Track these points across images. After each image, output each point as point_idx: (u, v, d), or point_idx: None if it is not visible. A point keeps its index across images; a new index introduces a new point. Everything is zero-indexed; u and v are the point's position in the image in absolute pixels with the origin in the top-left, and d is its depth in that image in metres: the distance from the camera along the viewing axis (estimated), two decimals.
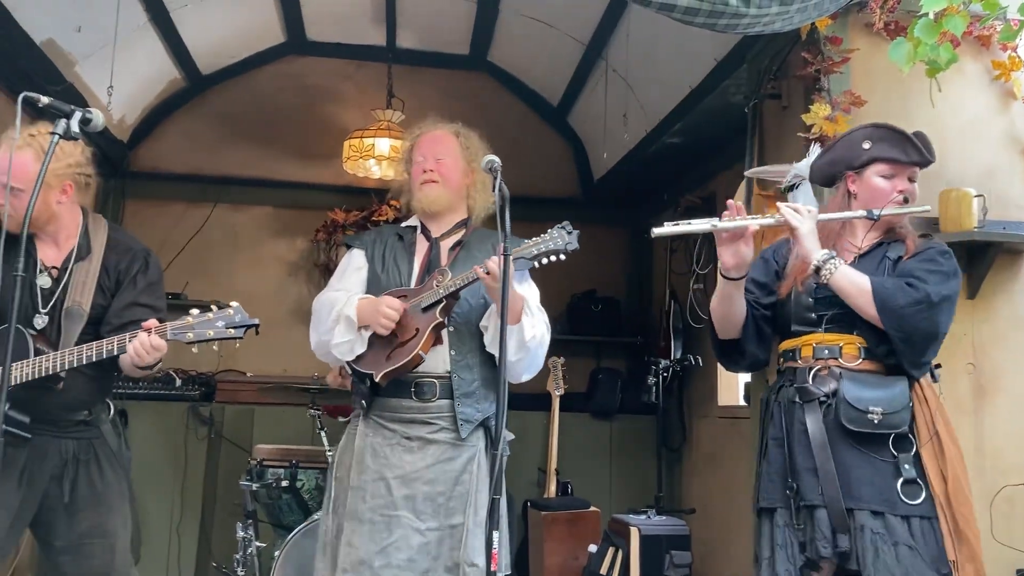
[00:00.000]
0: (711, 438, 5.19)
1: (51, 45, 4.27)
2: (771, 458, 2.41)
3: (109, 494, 2.55)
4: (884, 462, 2.24)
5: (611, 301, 6.01)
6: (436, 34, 5.66)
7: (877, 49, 3.27)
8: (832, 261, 2.29)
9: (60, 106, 2.14)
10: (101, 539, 2.52)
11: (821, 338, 2.36)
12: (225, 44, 5.58)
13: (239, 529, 4.05)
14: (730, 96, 4.23)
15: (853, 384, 2.27)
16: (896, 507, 2.21)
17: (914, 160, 2.39)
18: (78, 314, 2.46)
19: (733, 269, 2.38)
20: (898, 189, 2.38)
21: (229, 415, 5.22)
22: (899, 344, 2.25)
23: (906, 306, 2.23)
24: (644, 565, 4.13)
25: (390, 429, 2.61)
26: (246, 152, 5.97)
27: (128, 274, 2.56)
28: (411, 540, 2.52)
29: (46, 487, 2.49)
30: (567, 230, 2.56)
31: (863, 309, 2.27)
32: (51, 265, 2.51)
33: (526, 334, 2.57)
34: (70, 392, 2.47)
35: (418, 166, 2.75)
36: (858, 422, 2.24)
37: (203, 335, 2.39)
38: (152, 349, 2.35)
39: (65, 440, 2.51)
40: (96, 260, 2.53)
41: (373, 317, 2.56)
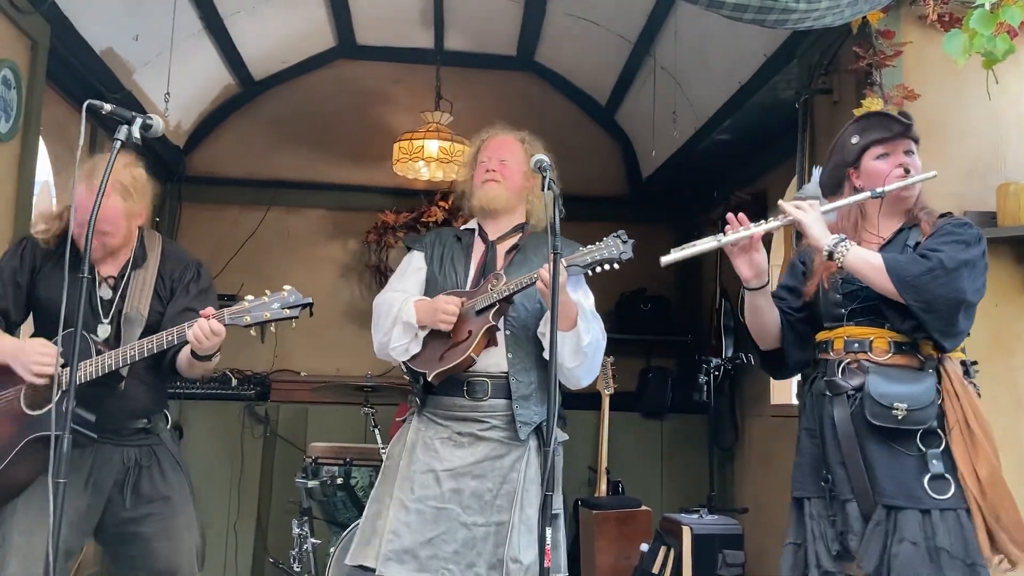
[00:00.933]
0: (764, 437, 5.15)
1: (110, 54, 4.39)
2: (802, 449, 2.43)
3: (173, 497, 2.60)
4: (910, 456, 2.21)
5: (661, 300, 5.99)
6: (484, 36, 5.70)
7: (931, 41, 3.22)
8: (843, 244, 2.27)
9: (122, 113, 2.19)
10: (165, 541, 2.56)
11: (851, 331, 2.34)
12: (277, 50, 5.68)
13: (295, 526, 4.12)
14: (780, 92, 4.20)
15: (880, 379, 2.25)
16: (919, 501, 2.18)
17: (898, 132, 2.37)
18: (137, 319, 2.54)
19: (753, 279, 2.41)
20: (896, 164, 2.36)
21: (284, 414, 5.30)
22: (922, 316, 2.20)
23: (920, 275, 2.19)
24: (696, 564, 4.11)
25: (442, 425, 2.66)
26: (298, 156, 6.07)
27: (181, 282, 2.64)
28: (457, 534, 2.56)
29: (109, 493, 2.55)
30: (622, 239, 2.59)
31: (881, 286, 2.24)
32: (108, 275, 2.59)
33: (582, 339, 2.60)
34: (130, 397, 2.54)
35: (482, 166, 2.81)
36: (882, 417, 2.21)
37: (260, 317, 2.43)
38: (211, 334, 2.38)
39: (127, 448, 2.57)
40: (152, 269, 2.62)
41: (433, 316, 2.61)
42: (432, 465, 2.61)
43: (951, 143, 3.27)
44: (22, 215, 3.74)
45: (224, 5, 4.75)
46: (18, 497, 2.44)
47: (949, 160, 3.18)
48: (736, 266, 2.43)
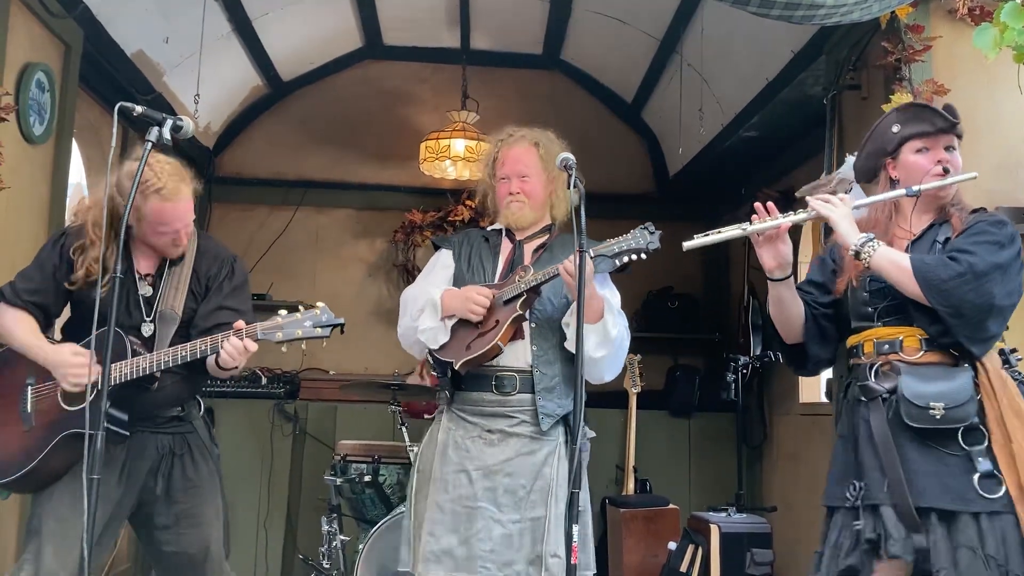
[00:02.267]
0: (793, 435, 5.11)
1: (141, 56, 4.45)
2: (835, 457, 2.39)
3: (202, 485, 2.65)
4: (954, 456, 2.15)
5: (688, 298, 5.96)
6: (509, 35, 5.71)
7: (961, 36, 3.18)
8: (870, 243, 2.23)
9: (153, 114, 2.23)
10: (196, 528, 2.61)
11: (881, 332, 2.30)
12: (305, 51, 5.72)
13: (324, 523, 4.15)
14: (808, 88, 4.17)
15: (913, 379, 2.19)
16: (971, 503, 2.11)
17: (942, 127, 2.31)
18: (171, 317, 2.57)
19: (776, 270, 2.38)
20: (935, 160, 2.30)
21: (313, 412, 5.34)
22: (950, 320, 2.16)
23: (948, 279, 2.14)
24: (725, 563, 4.10)
25: (471, 423, 2.67)
26: (326, 156, 6.11)
27: (216, 279, 2.66)
28: (493, 531, 2.57)
29: (144, 481, 2.59)
30: (649, 230, 2.59)
31: (907, 288, 2.20)
32: (146, 273, 2.62)
33: (610, 331, 2.61)
34: (164, 391, 2.57)
35: (503, 185, 2.79)
36: (920, 419, 2.15)
37: (292, 335, 2.47)
38: (244, 351, 2.43)
39: (161, 436, 2.61)
40: (188, 266, 2.64)
41: (463, 304, 2.62)
42: (464, 465, 2.63)
43: (982, 138, 3.23)
44: (55, 217, 3.81)
45: (252, 7, 4.79)
46: (55, 484, 2.49)
47: (980, 155, 3.14)
48: (760, 256, 2.41)
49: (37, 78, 3.57)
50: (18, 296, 2.57)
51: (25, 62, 3.51)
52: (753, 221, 2.35)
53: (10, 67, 3.39)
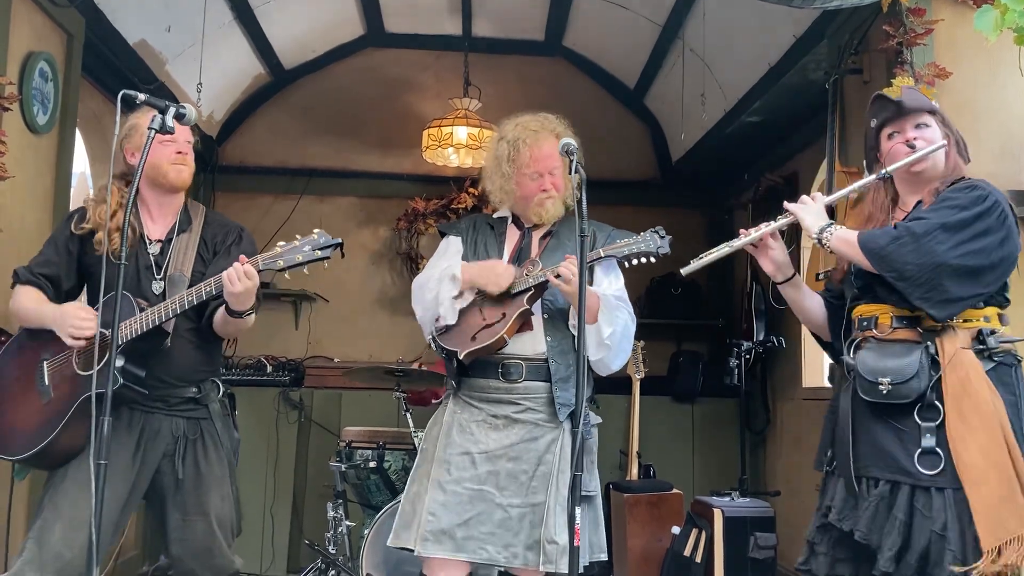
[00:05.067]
0: (796, 420, 5.13)
1: (143, 46, 4.45)
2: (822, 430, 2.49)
3: (210, 475, 2.65)
4: (906, 431, 2.22)
5: (691, 284, 5.97)
6: (511, 21, 5.70)
7: (962, 19, 3.18)
8: (828, 228, 2.34)
9: (155, 102, 2.25)
10: (202, 516, 2.61)
11: (863, 309, 2.37)
12: (307, 39, 5.72)
13: (329, 509, 4.18)
14: (810, 73, 4.17)
15: (871, 355, 2.27)
16: (910, 476, 2.18)
17: (896, 111, 2.37)
18: (181, 280, 2.60)
19: (776, 273, 2.52)
20: (903, 140, 2.36)
21: (318, 399, 5.37)
22: (898, 285, 2.21)
23: (886, 244, 2.22)
24: (728, 547, 4.11)
25: (477, 407, 2.69)
26: (329, 144, 6.12)
27: (224, 244, 2.72)
28: (493, 515, 2.59)
29: (159, 463, 2.60)
30: (660, 234, 2.65)
31: (861, 262, 2.28)
32: (156, 239, 2.66)
33: (603, 332, 2.64)
34: (177, 357, 2.59)
35: (536, 182, 2.76)
36: (871, 393, 2.24)
37: (292, 261, 2.46)
38: (244, 276, 2.41)
39: (176, 419, 2.62)
40: (196, 232, 2.71)
41: (485, 274, 2.66)
42: (468, 447, 2.65)
43: (983, 121, 3.24)
44: (60, 206, 3.82)
45: None
46: (69, 464, 2.50)
47: (981, 138, 3.15)
48: (761, 264, 2.53)
49: (40, 67, 3.58)
50: (30, 272, 2.63)
51: (28, 51, 3.52)
52: (740, 236, 2.50)
53: (13, 56, 3.40)
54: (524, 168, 2.75)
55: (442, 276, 2.71)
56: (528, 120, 2.82)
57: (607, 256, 2.61)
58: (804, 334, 5.08)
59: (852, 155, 3.60)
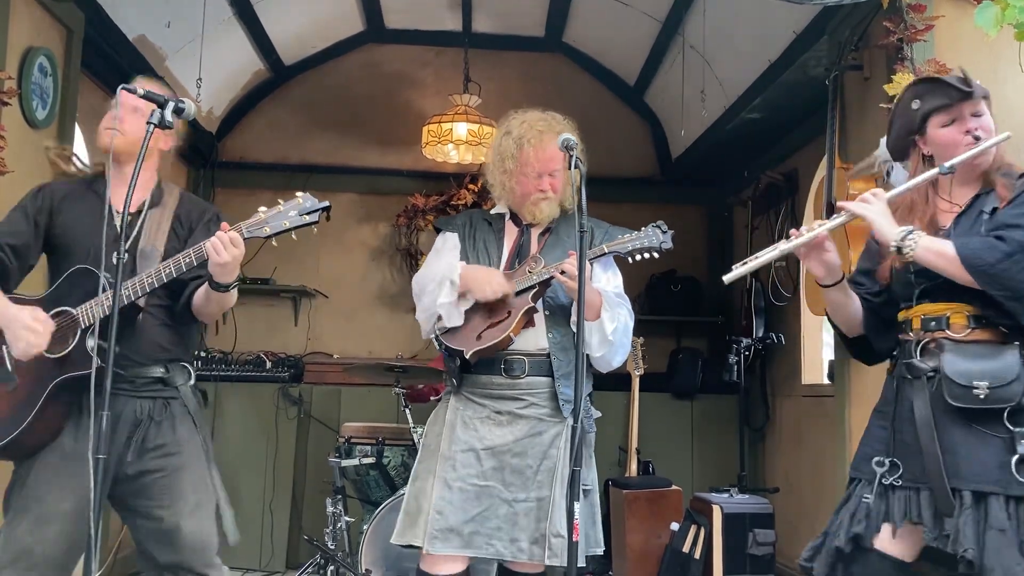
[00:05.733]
0: (795, 417, 5.13)
1: (142, 41, 4.45)
2: (870, 430, 2.34)
3: (180, 452, 2.45)
4: (997, 437, 2.07)
5: (691, 280, 5.97)
6: (511, 17, 5.69)
7: (963, 14, 3.18)
8: (910, 237, 2.14)
9: (154, 97, 2.25)
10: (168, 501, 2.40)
11: (928, 309, 2.23)
12: (307, 35, 5.71)
13: (329, 505, 4.18)
14: (810, 69, 4.16)
15: (957, 357, 2.12)
16: (1007, 486, 2.04)
17: (959, 97, 2.23)
18: (153, 254, 2.46)
19: (826, 277, 2.32)
20: (963, 131, 2.22)
21: (317, 395, 5.37)
22: (1008, 304, 2.06)
23: (997, 263, 2.05)
24: (727, 543, 4.13)
25: (480, 404, 2.70)
26: (329, 140, 6.11)
27: (200, 221, 2.59)
28: (499, 510, 2.60)
29: (120, 452, 2.39)
30: (662, 229, 2.65)
31: (957, 276, 2.10)
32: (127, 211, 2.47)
33: (607, 328, 2.65)
34: (145, 334, 2.43)
35: (533, 184, 2.75)
36: (963, 398, 2.08)
37: (279, 227, 2.36)
38: (230, 244, 2.30)
39: (142, 400, 2.44)
40: (169, 209, 2.56)
41: (481, 285, 2.63)
42: (472, 444, 2.65)
43: None
44: None
45: None
46: (36, 456, 2.35)
47: None
48: (808, 266, 2.35)
49: (39, 62, 3.57)
50: None
51: (27, 46, 3.51)
52: (791, 237, 2.30)
53: (12, 51, 3.40)
54: (526, 167, 2.75)
55: (441, 280, 2.70)
56: (535, 119, 2.79)
57: (610, 252, 2.62)
58: (803, 331, 5.08)
59: (852, 152, 3.60)
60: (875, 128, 3.38)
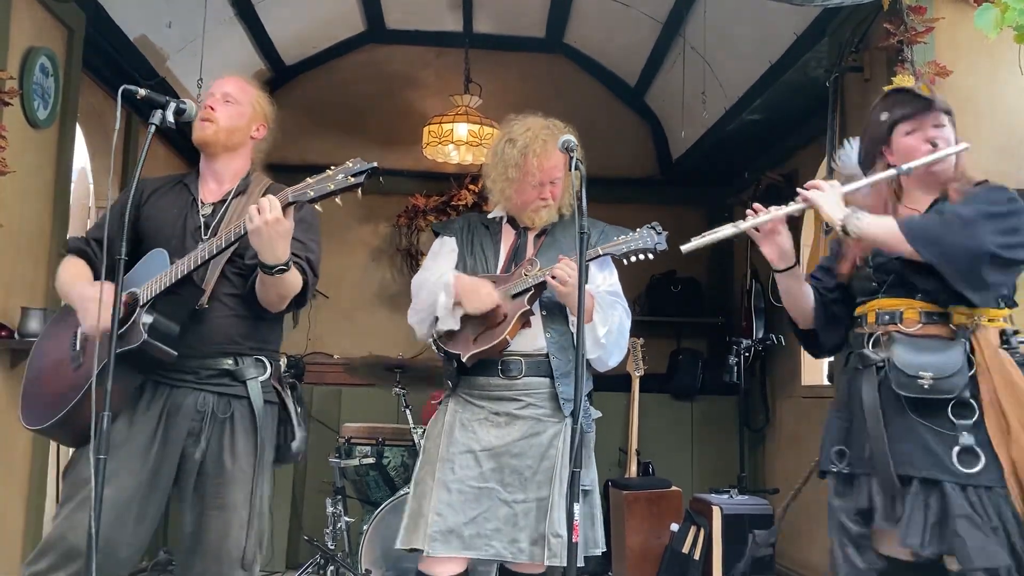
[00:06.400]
0: (795, 418, 5.14)
1: (144, 41, 4.45)
2: (828, 424, 2.41)
3: (236, 464, 2.35)
4: (940, 430, 2.15)
5: (691, 281, 5.98)
6: (512, 18, 5.70)
7: (963, 17, 3.18)
8: (854, 215, 2.24)
9: (156, 97, 2.23)
10: (219, 511, 2.33)
11: (883, 303, 2.31)
12: (307, 35, 5.72)
13: (328, 505, 4.18)
14: (811, 70, 4.17)
15: (906, 349, 2.20)
16: (951, 474, 2.11)
17: (922, 107, 2.32)
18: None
19: (779, 261, 2.41)
20: (924, 139, 2.30)
21: (317, 395, 5.37)
22: (943, 268, 2.15)
23: (935, 227, 2.17)
24: (726, 544, 4.13)
25: (478, 405, 2.70)
26: (329, 140, 6.11)
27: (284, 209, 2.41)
28: (499, 511, 2.60)
29: (183, 444, 2.32)
30: (656, 230, 2.65)
31: (898, 248, 2.20)
32: (210, 201, 2.48)
33: (599, 332, 2.65)
34: (212, 323, 2.34)
35: (536, 190, 2.74)
36: (908, 387, 2.16)
37: (324, 190, 2.26)
38: (266, 209, 2.20)
39: (204, 393, 2.33)
40: (254, 197, 2.44)
41: (470, 297, 2.63)
42: (471, 446, 2.65)
43: (984, 119, 3.24)
44: (60, 201, 3.82)
45: None
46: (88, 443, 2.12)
47: (982, 136, 3.15)
48: (762, 249, 2.44)
49: (41, 62, 3.58)
50: (80, 239, 2.47)
51: (28, 46, 3.52)
52: (747, 217, 2.40)
53: (14, 51, 3.40)
54: (529, 176, 2.73)
55: (435, 287, 2.70)
56: (539, 128, 2.76)
57: (605, 254, 2.63)
58: None
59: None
60: None
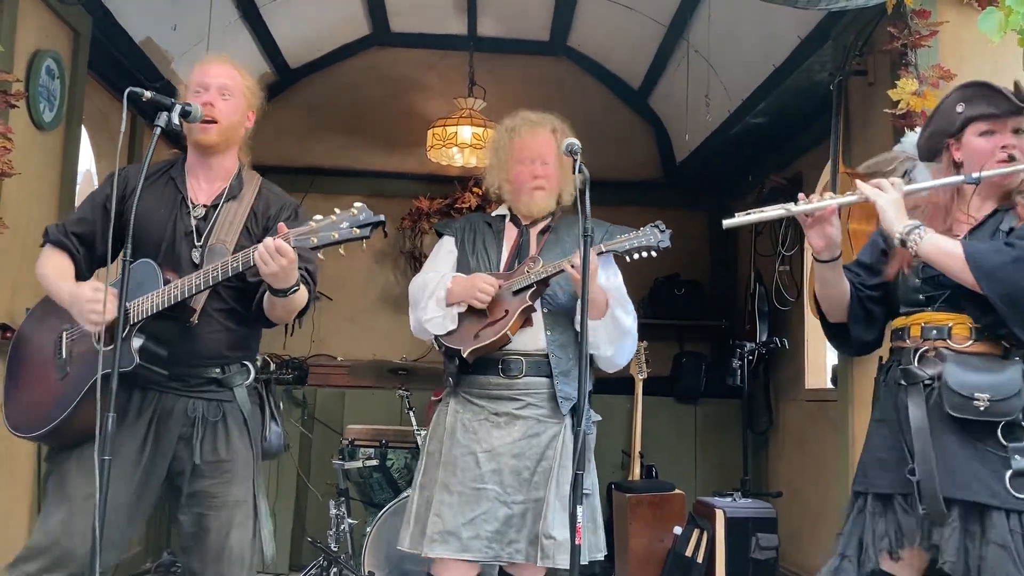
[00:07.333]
0: (798, 421, 5.13)
1: (149, 44, 4.46)
2: (871, 440, 2.31)
3: (233, 462, 2.37)
4: (991, 451, 2.06)
5: (694, 284, 5.98)
6: (516, 21, 5.70)
7: (967, 20, 3.17)
8: (917, 231, 2.10)
9: (162, 100, 2.23)
10: (217, 511, 2.34)
11: (930, 317, 2.20)
12: (312, 38, 5.73)
13: (332, 507, 4.19)
14: (814, 74, 4.17)
15: (958, 367, 2.09)
16: (1002, 499, 2.02)
17: (1008, 110, 2.18)
18: (221, 252, 2.34)
19: (824, 251, 2.27)
20: (1000, 145, 2.17)
21: (321, 398, 5.37)
22: (1002, 308, 2.03)
23: (1002, 265, 2.03)
24: (730, 547, 4.13)
25: (478, 405, 2.71)
26: (334, 143, 6.13)
27: (276, 220, 2.43)
28: (498, 512, 2.61)
29: (175, 449, 2.33)
30: (660, 228, 2.64)
31: (959, 276, 2.08)
32: (201, 203, 2.43)
33: (625, 322, 2.68)
34: (202, 339, 2.34)
35: (526, 170, 2.77)
36: (963, 409, 2.05)
37: (328, 239, 2.24)
38: (276, 254, 2.18)
39: (193, 399, 2.35)
40: (246, 203, 2.45)
41: (469, 292, 2.66)
42: (472, 447, 2.66)
43: None
44: (65, 203, 3.83)
45: None
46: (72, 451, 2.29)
47: None
48: (809, 237, 2.29)
49: (47, 65, 3.59)
50: (60, 230, 2.41)
51: (35, 49, 3.53)
52: (799, 201, 2.25)
53: (20, 54, 3.41)
54: (517, 154, 2.79)
55: (432, 293, 2.73)
56: (529, 113, 2.86)
57: (608, 251, 2.62)
58: (807, 335, 5.08)
59: (856, 156, 3.60)
60: (879, 133, 3.39)
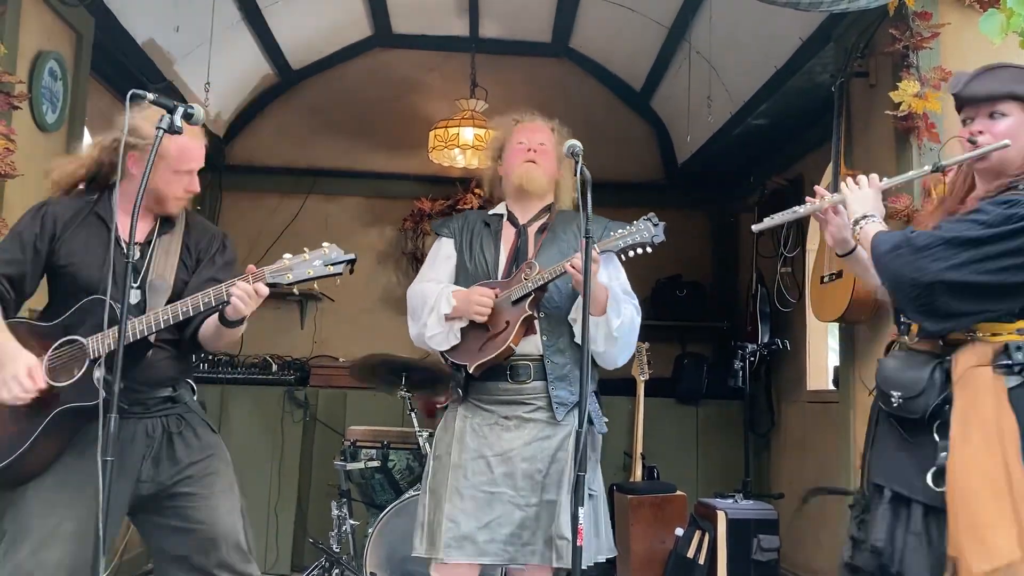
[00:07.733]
0: (800, 423, 5.13)
1: (152, 45, 4.47)
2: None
3: (212, 455, 2.47)
4: (921, 448, 2.08)
5: (696, 286, 5.97)
6: (518, 22, 5.71)
7: (969, 22, 3.17)
8: (864, 220, 2.19)
9: (164, 102, 2.23)
10: (204, 502, 2.41)
11: None
12: (315, 39, 5.73)
13: (334, 508, 4.19)
14: (816, 76, 4.18)
15: (892, 363, 2.17)
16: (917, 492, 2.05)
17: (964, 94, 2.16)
18: (162, 287, 2.42)
19: (837, 246, 2.38)
20: (969, 131, 2.15)
21: (323, 398, 5.38)
22: (893, 295, 2.12)
23: (885, 253, 2.08)
24: (731, 549, 4.12)
25: (488, 410, 2.70)
26: (336, 144, 6.14)
27: (208, 252, 2.54)
28: (513, 516, 2.61)
29: (139, 469, 2.38)
30: (653, 222, 2.60)
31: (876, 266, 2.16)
32: (136, 240, 2.41)
33: (612, 324, 2.64)
34: (155, 367, 2.41)
35: (520, 148, 2.81)
36: (886, 404, 2.14)
37: (302, 275, 2.34)
38: (254, 295, 2.29)
39: (152, 419, 2.42)
40: (177, 236, 2.51)
41: (467, 308, 2.66)
42: (482, 451, 2.66)
43: None
44: None
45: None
46: (28, 483, 2.28)
47: None
48: (824, 233, 2.42)
49: (49, 66, 3.60)
50: None
51: (38, 50, 3.54)
52: (806, 202, 2.39)
53: (23, 55, 3.42)
54: (515, 136, 2.83)
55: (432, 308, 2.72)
56: (525, 111, 2.92)
57: (602, 251, 2.60)
58: (809, 337, 5.08)
59: (857, 158, 3.61)
60: (880, 135, 3.39)
